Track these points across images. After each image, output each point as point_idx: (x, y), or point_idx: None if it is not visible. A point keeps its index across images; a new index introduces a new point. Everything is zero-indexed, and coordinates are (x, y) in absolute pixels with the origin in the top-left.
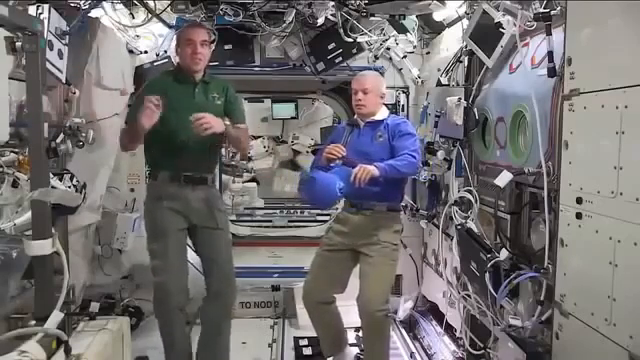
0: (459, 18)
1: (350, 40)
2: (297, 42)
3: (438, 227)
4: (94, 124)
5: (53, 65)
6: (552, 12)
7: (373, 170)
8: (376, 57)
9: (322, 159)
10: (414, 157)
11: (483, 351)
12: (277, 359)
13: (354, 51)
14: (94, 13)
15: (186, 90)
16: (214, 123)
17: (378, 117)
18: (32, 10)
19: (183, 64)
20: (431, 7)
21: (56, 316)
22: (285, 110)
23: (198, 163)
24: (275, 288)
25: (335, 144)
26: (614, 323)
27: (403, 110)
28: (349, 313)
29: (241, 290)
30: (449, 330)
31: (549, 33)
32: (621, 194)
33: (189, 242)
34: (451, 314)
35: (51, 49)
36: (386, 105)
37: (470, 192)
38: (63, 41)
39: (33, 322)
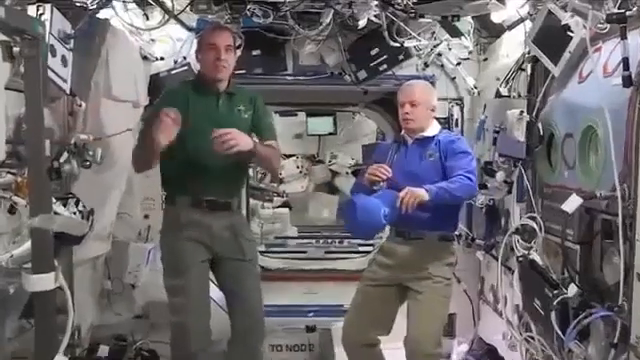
0: (521, 20)
1: (396, 45)
2: (335, 47)
3: (497, 259)
4: (103, 141)
5: (56, 73)
6: (628, 13)
7: (422, 194)
8: (426, 64)
9: (364, 181)
10: (470, 179)
11: None
12: None
13: (401, 57)
14: (103, 14)
15: (208, 102)
16: (240, 140)
17: (428, 133)
18: (32, 10)
19: (205, 72)
20: (489, 7)
21: None
22: (321, 125)
23: (222, 186)
24: (310, 329)
25: (379, 164)
26: None
27: (457, 125)
28: (395, 357)
29: (271, 331)
30: None
31: (624, 37)
32: None
33: (211, 276)
34: (512, 359)
35: (53, 55)
36: (437, 119)
37: (534, 219)
38: (67, 46)
39: None
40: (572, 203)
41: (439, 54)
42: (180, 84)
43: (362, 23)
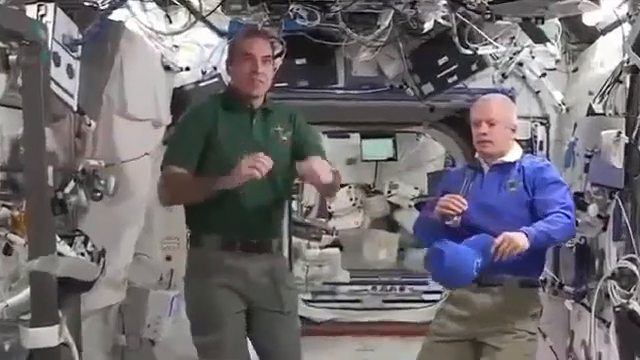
0: (618, 22)
1: (468, 52)
2: (395, 55)
3: (590, 309)
4: (116, 168)
5: (60, 86)
6: None
7: (523, 243)
8: (504, 76)
9: (433, 215)
10: (569, 216)
11: None
12: None
13: (474, 67)
14: (117, 15)
15: (240, 121)
16: (324, 170)
17: (509, 158)
18: (31, 11)
19: (237, 86)
20: (580, 7)
21: None
22: (379, 148)
23: (260, 222)
24: None
25: (451, 195)
26: None
27: (541, 148)
28: None
29: None
30: None
31: None
32: None
33: None
34: None
35: (57, 64)
36: (518, 142)
37: (634, 261)
38: (74, 53)
39: None
40: None
41: (520, 63)
42: (208, 99)
43: (428, 26)
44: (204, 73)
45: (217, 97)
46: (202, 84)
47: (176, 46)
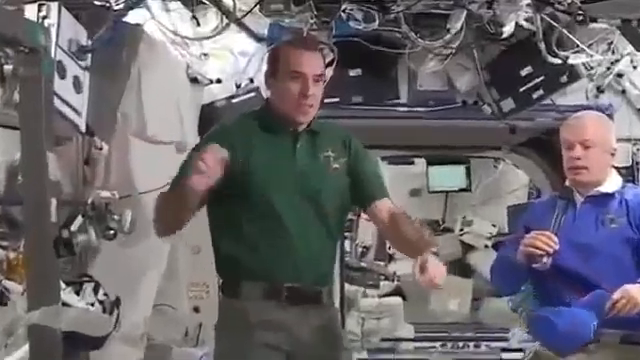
0: None
1: (557, 62)
2: (469, 65)
3: None
4: (133, 200)
5: (65, 102)
6: None
7: None
8: (600, 89)
9: (516, 256)
10: None
11: None
12: None
13: (563, 79)
14: (134, 17)
15: (280, 145)
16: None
17: (607, 188)
18: (31, 12)
19: (280, 107)
20: None
21: None
22: (449, 177)
23: (308, 267)
24: None
25: (539, 232)
26: None
27: None
28: None
29: None
30: None
31: None
32: None
33: None
34: None
35: (62, 76)
36: (617, 169)
37: None
38: (82, 63)
39: None
40: None
41: (619, 75)
42: (240, 117)
43: (508, 30)
44: (238, 87)
45: (251, 115)
46: (236, 100)
47: (205, 54)
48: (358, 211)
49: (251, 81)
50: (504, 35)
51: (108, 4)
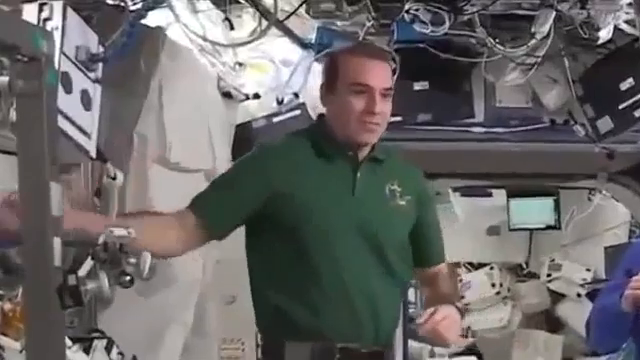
0: None
1: None
2: (559, 77)
3: None
4: None
5: (72, 122)
6: None
7: None
8: None
9: (620, 305)
10: None
11: None
12: None
13: None
14: (154, 19)
15: (339, 174)
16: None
17: None
18: (31, 13)
19: (340, 127)
20: None
21: None
22: (534, 212)
23: (368, 323)
24: None
25: None
26: None
27: None
28: None
29: None
30: None
31: None
32: None
33: None
34: None
35: (68, 90)
36: None
37: None
38: (92, 74)
39: None
40: None
41: None
42: (286, 138)
43: (605, 35)
44: (280, 103)
45: (299, 135)
46: (277, 119)
47: (240, 64)
48: None
49: (296, 96)
50: (600, 41)
51: (123, 4)
